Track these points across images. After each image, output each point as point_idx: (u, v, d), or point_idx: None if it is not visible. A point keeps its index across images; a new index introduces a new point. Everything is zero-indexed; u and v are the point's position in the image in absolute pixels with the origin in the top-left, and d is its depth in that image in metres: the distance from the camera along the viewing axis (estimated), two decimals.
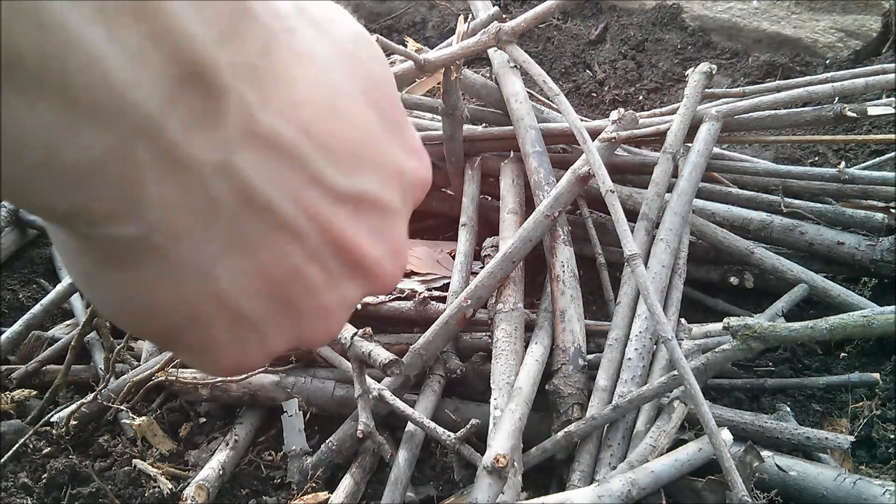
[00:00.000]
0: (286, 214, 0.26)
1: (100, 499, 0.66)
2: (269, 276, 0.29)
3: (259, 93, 0.24)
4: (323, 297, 0.30)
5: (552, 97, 0.77)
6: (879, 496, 0.56)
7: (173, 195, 0.23)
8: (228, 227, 0.25)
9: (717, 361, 0.59)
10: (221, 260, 0.26)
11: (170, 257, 0.25)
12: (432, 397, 0.66)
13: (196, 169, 0.23)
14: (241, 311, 0.28)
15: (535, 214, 0.74)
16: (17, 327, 0.83)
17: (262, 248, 0.27)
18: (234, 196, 0.24)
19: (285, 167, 0.25)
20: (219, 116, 0.23)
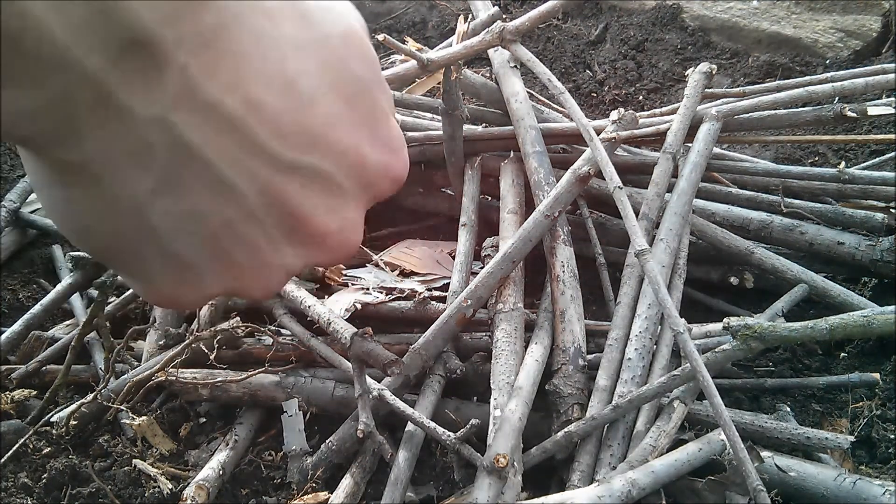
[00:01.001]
0: (223, 173, 0.29)
1: (100, 499, 0.66)
2: (202, 223, 0.31)
3: (204, 65, 0.27)
4: (260, 254, 0.34)
5: (557, 95, 0.77)
6: (879, 496, 0.56)
7: (110, 134, 0.27)
8: (164, 170, 0.28)
9: (717, 361, 0.59)
10: (154, 199, 0.29)
11: (104, 185, 0.28)
12: (432, 397, 0.66)
13: (132, 116, 0.26)
14: (171, 250, 0.31)
15: (535, 214, 0.74)
16: (16, 327, 0.83)
17: (196, 197, 0.30)
18: (170, 146, 0.28)
19: (226, 133, 0.29)
20: (159, 80, 0.26)
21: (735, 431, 0.53)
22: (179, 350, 0.72)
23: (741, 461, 0.52)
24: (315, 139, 0.32)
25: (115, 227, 0.31)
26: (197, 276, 0.35)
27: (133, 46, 0.25)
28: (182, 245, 0.32)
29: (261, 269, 0.34)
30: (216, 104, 0.28)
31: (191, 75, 0.27)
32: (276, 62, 0.30)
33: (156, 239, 0.31)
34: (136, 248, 0.32)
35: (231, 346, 0.76)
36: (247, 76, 0.29)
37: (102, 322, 0.76)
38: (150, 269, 0.33)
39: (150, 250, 0.32)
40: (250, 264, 0.34)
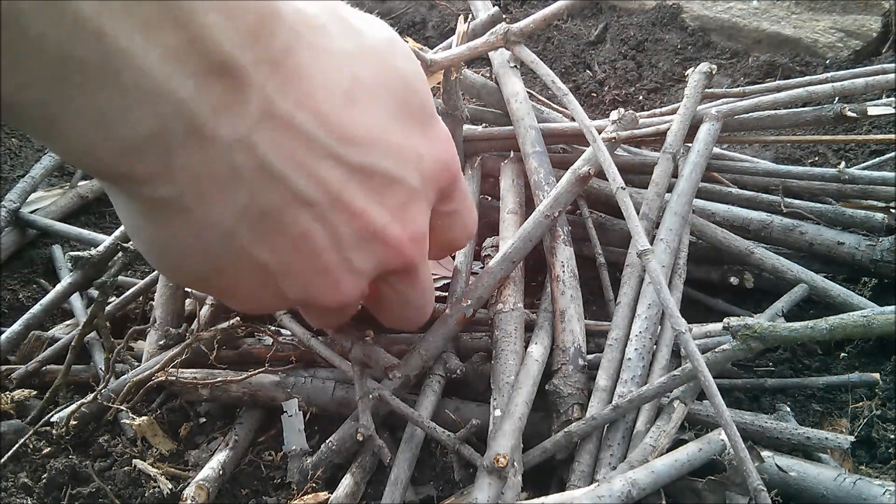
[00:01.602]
0: (296, 184, 0.31)
1: (100, 499, 0.66)
2: (283, 236, 0.33)
3: (278, 84, 0.29)
4: (326, 257, 0.36)
5: (560, 97, 0.77)
6: (879, 496, 0.56)
7: (201, 164, 0.28)
8: (249, 194, 0.30)
9: (717, 361, 0.59)
10: (242, 221, 0.31)
11: (197, 215, 0.30)
12: (432, 397, 0.66)
13: (220, 143, 0.28)
14: (258, 264, 0.34)
15: (535, 214, 0.74)
16: (16, 327, 0.83)
17: (277, 212, 0.32)
18: (253, 167, 0.30)
19: (298, 145, 0.30)
20: (242, 103, 0.28)
21: (736, 431, 0.53)
22: (179, 350, 0.72)
23: (742, 461, 0.52)
24: (374, 139, 0.33)
25: (207, 254, 0.34)
26: (276, 287, 0.37)
27: (218, 73, 0.27)
28: (267, 259, 0.34)
29: (328, 273, 0.36)
30: (289, 119, 0.30)
31: (268, 95, 0.29)
32: (335, 73, 0.32)
33: (244, 258, 0.34)
34: (227, 270, 0.34)
35: (231, 346, 0.76)
36: (312, 90, 0.31)
37: (102, 322, 0.76)
38: (237, 286, 0.36)
39: (241, 270, 0.34)
40: (319, 269, 0.36)
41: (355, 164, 0.33)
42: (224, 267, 0.35)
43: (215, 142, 0.28)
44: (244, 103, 0.27)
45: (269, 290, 0.38)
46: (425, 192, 0.38)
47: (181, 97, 0.26)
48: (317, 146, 0.31)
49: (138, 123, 0.26)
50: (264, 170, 0.30)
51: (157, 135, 0.26)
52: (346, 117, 0.32)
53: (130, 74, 0.24)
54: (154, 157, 0.27)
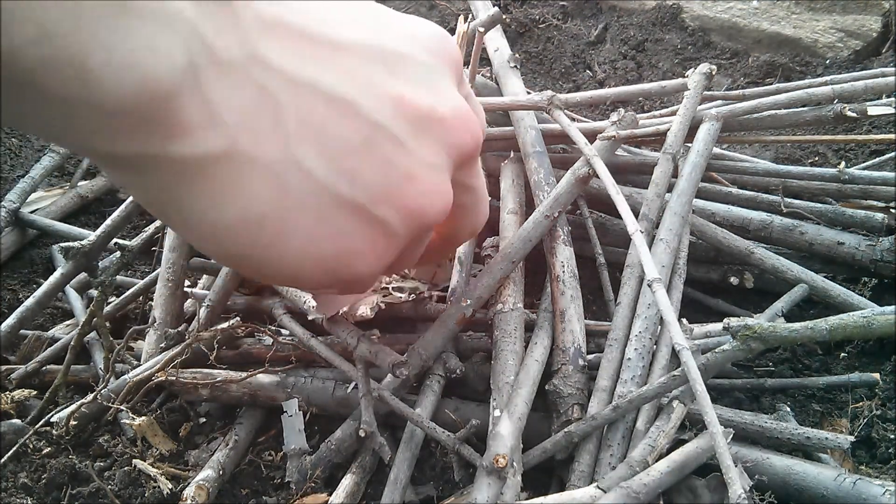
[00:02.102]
0: (330, 85, 0.29)
1: (100, 499, 0.66)
2: (348, 152, 0.31)
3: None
4: (402, 161, 0.33)
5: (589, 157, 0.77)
6: (879, 496, 0.56)
7: (234, 95, 0.26)
8: (293, 112, 0.28)
9: (717, 362, 0.59)
10: (305, 147, 0.29)
11: (256, 155, 0.28)
12: (432, 397, 0.66)
13: (236, 65, 0.26)
14: (344, 199, 0.31)
15: (535, 215, 0.74)
16: (10, 321, 0.82)
17: (328, 126, 0.30)
18: (278, 81, 0.28)
19: (305, 44, 0.29)
20: (236, 16, 0.26)
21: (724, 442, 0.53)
22: (179, 350, 0.72)
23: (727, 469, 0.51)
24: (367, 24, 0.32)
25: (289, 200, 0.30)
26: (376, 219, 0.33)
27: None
28: (349, 188, 0.31)
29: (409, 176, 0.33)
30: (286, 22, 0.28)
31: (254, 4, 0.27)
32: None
33: (328, 194, 0.30)
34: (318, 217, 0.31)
35: (231, 347, 0.76)
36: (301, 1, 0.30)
37: (102, 322, 0.76)
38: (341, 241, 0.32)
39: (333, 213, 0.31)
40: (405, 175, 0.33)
41: (363, 45, 0.31)
42: (319, 221, 0.30)
43: (233, 64, 0.26)
44: (237, 16, 0.26)
45: (376, 232, 0.34)
46: (441, 66, 0.36)
47: (189, 18, 0.24)
48: (324, 42, 0.29)
49: (171, 53, 0.23)
50: (289, 80, 0.28)
51: (189, 66, 0.24)
52: (333, 10, 0.31)
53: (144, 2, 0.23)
54: (192, 97, 0.25)
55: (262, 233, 0.30)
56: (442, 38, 0.37)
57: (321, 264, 0.33)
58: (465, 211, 0.46)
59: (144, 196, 0.30)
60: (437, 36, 0.37)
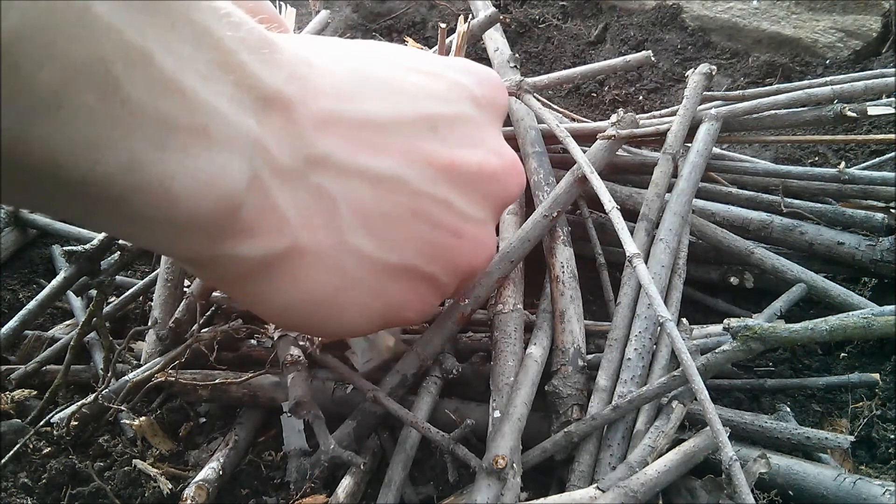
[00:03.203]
0: (377, 168, 0.31)
1: (100, 499, 0.66)
2: (398, 226, 0.33)
3: (310, 91, 0.29)
4: (451, 223, 0.35)
5: (562, 139, 0.79)
6: (879, 496, 0.56)
7: (294, 198, 0.29)
8: (345, 203, 0.30)
9: (717, 362, 0.59)
10: (354, 231, 0.31)
11: (312, 247, 0.30)
12: (428, 398, 0.66)
13: (296, 171, 0.28)
14: (398, 267, 0.34)
15: (535, 215, 0.74)
16: (12, 323, 0.83)
17: (376, 206, 0.32)
18: (333, 176, 0.30)
19: (355, 132, 0.30)
20: (294, 122, 0.28)
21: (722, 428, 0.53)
22: (179, 351, 0.72)
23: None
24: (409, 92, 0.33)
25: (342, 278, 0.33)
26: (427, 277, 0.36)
27: (267, 102, 0.27)
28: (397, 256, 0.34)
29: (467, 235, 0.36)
30: (337, 114, 0.30)
31: (308, 105, 0.29)
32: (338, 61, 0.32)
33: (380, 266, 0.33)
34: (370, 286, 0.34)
35: (231, 348, 0.76)
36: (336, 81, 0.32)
37: (101, 322, 0.76)
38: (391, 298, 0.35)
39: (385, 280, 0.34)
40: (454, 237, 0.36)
41: (409, 119, 0.33)
42: (370, 288, 0.33)
43: (294, 169, 0.28)
44: (297, 122, 0.28)
45: (425, 286, 0.37)
46: (487, 116, 0.37)
47: (252, 135, 0.26)
48: (369, 125, 0.31)
49: (235, 172, 0.26)
50: (344, 173, 0.30)
51: (253, 179, 0.27)
52: (370, 90, 0.32)
53: (215, 123, 0.25)
54: (258, 206, 0.27)
55: (324, 310, 0.33)
56: (486, 86, 0.37)
57: (376, 322, 0.39)
58: None
59: (218, 283, 0.34)
60: (482, 85, 0.37)
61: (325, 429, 0.63)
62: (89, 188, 0.22)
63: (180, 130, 0.24)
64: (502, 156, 0.36)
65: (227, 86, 0.25)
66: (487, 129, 0.37)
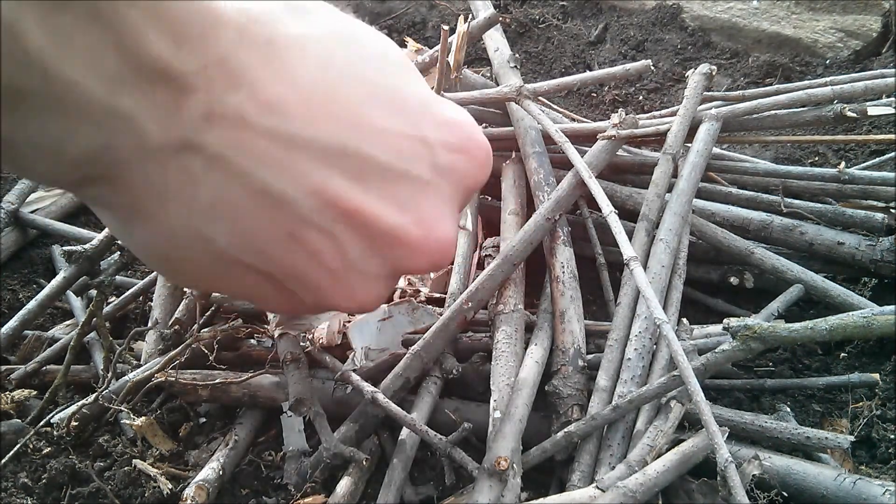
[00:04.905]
0: (265, 180, 0.29)
1: (100, 499, 0.66)
2: (265, 240, 0.30)
3: (225, 83, 0.27)
4: (330, 263, 0.32)
5: (561, 144, 0.79)
6: (879, 496, 0.56)
7: (153, 173, 0.28)
8: (211, 193, 0.29)
9: (717, 362, 0.59)
10: (211, 222, 0.29)
11: (162, 220, 0.29)
12: (428, 399, 0.66)
13: (167, 150, 0.27)
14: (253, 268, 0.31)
15: (536, 217, 0.74)
16: (12, 323, 0.82)
17: (251, 214, 0.30)
18: (207, 167, 0.28)
19: (258, 139, 0.28)
20: (185, 108, 0.27)
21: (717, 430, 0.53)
22: (179, 350, 0.72)
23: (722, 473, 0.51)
24: (358, 126, 0.30)
25: (192, 256, 0.31)
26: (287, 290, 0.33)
27: (158, 81, 0.26)
28: (259, 262, 0.31)
29: (338, 280, 0.32)
30: (243, 116, 0.28)
31: (214, 95, 0.27)
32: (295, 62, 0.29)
33: (232, 261, 0.31)
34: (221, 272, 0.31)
35: (231, 348, 0.76)
36: (268, 84, 0.28)
37: (101, 322, 0.76)
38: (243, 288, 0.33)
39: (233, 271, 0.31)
40: (325, 276, 0.32)
41: (335, 151, 0.29)
42: (219, 272, 0.32)
43: (164, 150, 0.27)
44: (189, 107, 0.27)
45: (285, 295, 0.34)
46: (439, 183, 0.33)
47: (125, 113, 0.26)
48: (280, 138, 0.29)
49: (87, 142, 0.26)
50: (220, 168, 0.28)
51: (106, 151, 0.26)
52: (316, 106, 0.29)
53: (73, 99, 0.25)
54: (107, 170, 0.27)
55: (166, 265, 0.33)
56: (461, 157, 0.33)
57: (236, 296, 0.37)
58: None
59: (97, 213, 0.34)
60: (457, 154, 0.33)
61: (327, 425, 0.63)
62: None
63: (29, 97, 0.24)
64: (430, 230, 0.32)
65: (111, 61, 0.24)
66: (434, 198, 0.32)
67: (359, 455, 0.60)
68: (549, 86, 0.93)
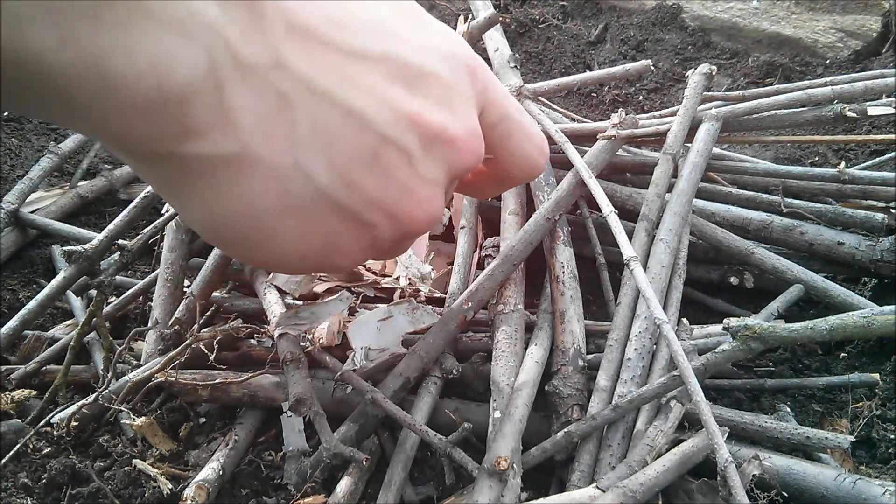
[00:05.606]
0: (346, 98, 0.29)
1: (100, 499, 0.66)
2: (355, 161, 0.31)
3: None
4: (403, 177, 0.33)
5: (561, 144, 0.79)
6: (879, 496, 0.56)
7: (253, 100, 0.27)
8: (308, 119, 0.29)
9: (717, 362, 0.59)
10: (314, 155, 0.30)
11: (269, 163, 0.29)
12: (428, 399, 0.66)
13: (260, 70, 0.27)
14: (340, 204, 0.32)
15: (536, 217, 0.74)
16: (12, 323, 0.82)
17: (340, 137, 0.30)
18: (298, 89, 0.28)
19: (327, 53, 0.29)
20: (264, 19, 0.26)
21: (717, 430, 0.53)
22: (179, 350, 0.72)
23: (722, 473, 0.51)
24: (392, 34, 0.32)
25: (293, 205, 0.31)
26: (366, 224, 0.34)
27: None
28: (349, 197, 0.32)
29: (408, 191, 0.34)
30: (310, 27, 0.28)
31: (282, 5, 0.27)
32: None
33: (325, 200, 0.31)
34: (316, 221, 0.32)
35: (231, 348, 0.76)
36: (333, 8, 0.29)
37: (101, 322, 0.76)
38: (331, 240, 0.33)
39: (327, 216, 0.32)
40: (403, 192, 0.34)
41: (385, 60, 0.31)
42: (313, 222, 0.31)
43: (256, 68, 0.26)
44: (266, 20, 0.26)
45: (363, 233, 0.34)
46: (464, 86, 0.35)
47: (214, 24, 0.24)
48: (347, 52, 0.29)
49: (192, 61, 0.24)
50: (308, 89, 0.28)
51: (210, 72, 0.25)
52: (360, 17, 0.30)
53: (173, 5, 0.23)
54: (210, 102, 0.26)
55: (257, 229, 0.31)
56: (470, 60, 0.36)
57: (308, 259, 0.36)
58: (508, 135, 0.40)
59: (154, 182, 0.31)
60: (466, 57, 0.36)
61: (327, 425, 0.63)
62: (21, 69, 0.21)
63: (116, 1, 0.22)
64: (467, 125, 0.35)
65: None
66: (460, 99, 0.35)
67: (359, 455, 0.60)
68: (549, 86, 0.94)
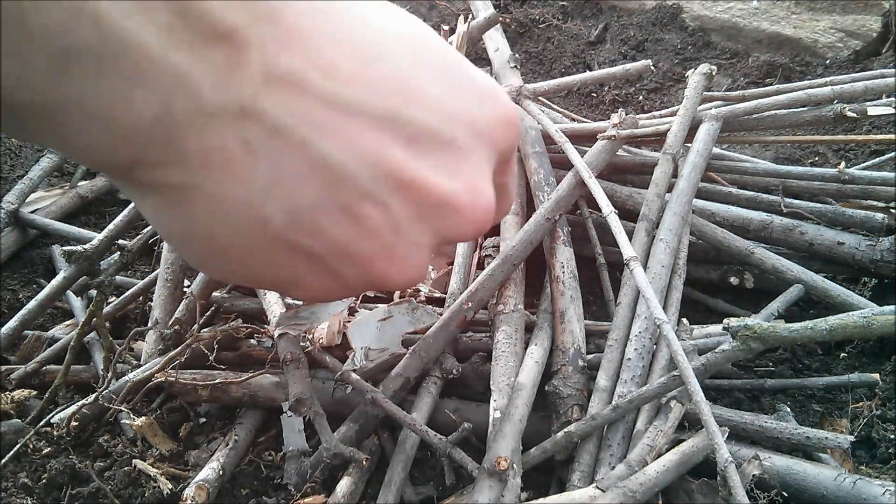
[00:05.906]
0: (323, 151, 0.28)
1: (100, 499, 0.66)
2: (320, 214, 0.30)
3: (280, 42, 0.27)
4: (384, 236, 0.31)
5: (561, 144, 0.79)
6: (879, 496, 0.56)
7: (211, 142, 0.26)
8: (270, 166, 0.28)
9: (717, 362, 0.59)
10: (270, 199, 0.29)
11: (218, 199, 0.28)
12: (428, 399, 0.66)
13: (226, 115, 0.26)
14: (304, 251, 0.31)
15: (536, 217, 0.74)
16: (12, 323, 0.82)
17: (307, 187, 0.29)
18: (267, 136, 0.27)
19: (315, 105, 0.28)
20: (243, 67, 0.26)
21: (717, 430, 0.53)
22: (179, 350, 0.72)
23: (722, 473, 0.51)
24: (408, 92, 0.30)
25: (245, 242, 0.30)
26: (332, 270, 0.32)
27: (214, 38, 0.25)
28: (313, 242, 0.31)
29: (390, 254, 0.32)
30: (300, 78, 0.27)
31: (269, 55, 0.26)
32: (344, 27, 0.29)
33: (285, 243, 0.30)
34: (272, 258, 0.31)
35: (231, 348, 0.76)
36: (322, 45, 0.28)
37: (101, 322, 0.76)
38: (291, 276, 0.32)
39: (285, 256, 0.31)
40: (378, 251, 0.32)
41: (390, 118, 0.29)
42: (267, 257, 0.31)
43: (222, 115, 0.26)
44: (245, 67, 0.26)
45: (328, 278, 0.34)
46: (482, 150, 0.33)
47: (180, 71, 0.24)
48: (338, 105, 0.28)
49: (141, 107, 0.25)
50: (280, 138, 0.27)
51: (163, 116, 0.25)
52: (368, 70, 0.29)
53: (128, 56, 0.23)
54: (162, 141, 0.26)
55: (208, 251, 0.31)
56: (496, 121, 0.34)
57: (265, 285, 0.35)
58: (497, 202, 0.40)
59: (133, 199, 0.32)
60: (492, 118, 0.34)
61: (327, 425, 0.63)
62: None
63: (85, 57, 0.23)
64: (476, 195, 0.33)
65: (163, 14, 0.23)
66: (475, 162, 0.33)
67: (359, 455, 0.60)
68: (549, 86, 0.94)
